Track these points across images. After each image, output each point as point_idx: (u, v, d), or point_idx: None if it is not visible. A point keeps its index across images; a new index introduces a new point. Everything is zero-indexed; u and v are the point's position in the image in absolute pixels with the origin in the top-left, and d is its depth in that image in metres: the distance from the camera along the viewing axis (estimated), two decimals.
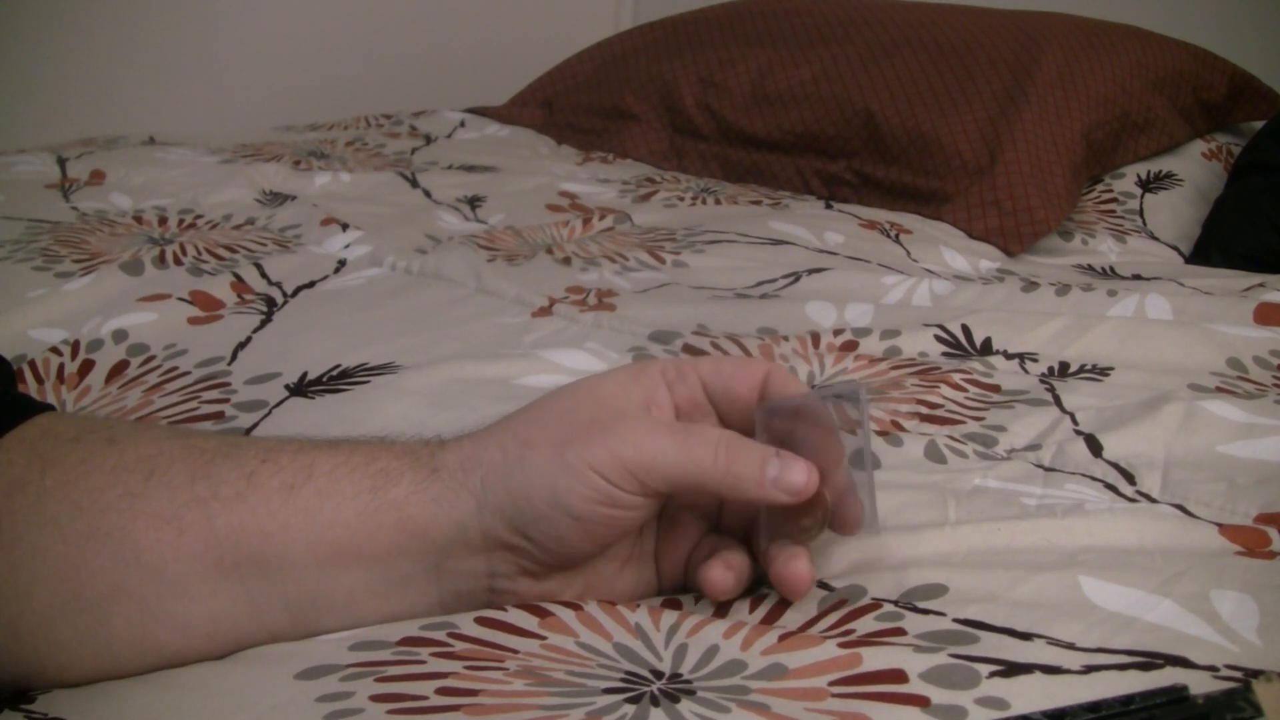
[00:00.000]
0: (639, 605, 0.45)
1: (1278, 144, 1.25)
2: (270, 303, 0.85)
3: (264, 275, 0.90)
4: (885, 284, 0.94)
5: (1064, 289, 0.91)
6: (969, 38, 1.39)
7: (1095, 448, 0.62)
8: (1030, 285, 0.93)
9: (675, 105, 1.50)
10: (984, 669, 0.40)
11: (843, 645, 0.42)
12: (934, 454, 0.62)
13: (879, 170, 1.31)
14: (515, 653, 0.41)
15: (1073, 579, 0.47)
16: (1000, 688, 0.39)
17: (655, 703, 0.39)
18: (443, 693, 0.39)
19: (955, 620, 0.44)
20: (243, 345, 0.77)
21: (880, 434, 0.64)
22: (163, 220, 1.04)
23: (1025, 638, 0.43)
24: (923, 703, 0.39)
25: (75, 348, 0.75)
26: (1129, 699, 0.33)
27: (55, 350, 0.75)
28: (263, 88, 1.97)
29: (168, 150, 1.29)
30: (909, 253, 1.08)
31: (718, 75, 1.49)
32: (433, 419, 0.64)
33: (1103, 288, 0.91)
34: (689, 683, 0.40)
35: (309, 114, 1.77)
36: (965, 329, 0.81)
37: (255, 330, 0.79)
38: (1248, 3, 1.59)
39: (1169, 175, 1.33)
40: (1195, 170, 1.35)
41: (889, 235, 1.13)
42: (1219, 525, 0.53)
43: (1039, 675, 0.40)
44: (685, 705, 0.38)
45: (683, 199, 1.25)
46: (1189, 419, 0.64)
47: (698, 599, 0.47)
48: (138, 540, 0.41)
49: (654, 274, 0.97)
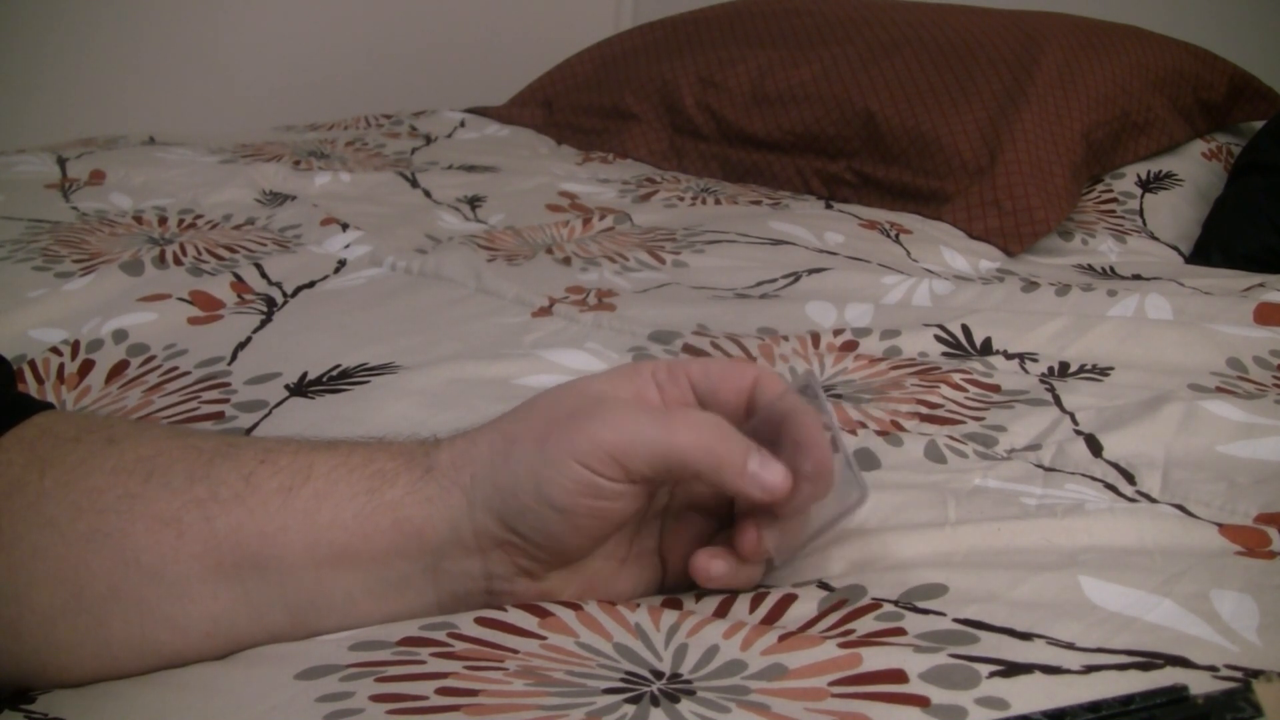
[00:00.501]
0: (639, 605, 0.45)
1: (1278, 144, 1.25)
2: (270, 303, 0.85)
3: (264, 275, 0.90)
4: (885, 284, 0.94)
5: (1064, 289, 0.91)
6: (969, 38, 1.39)
7: (1095, 448, 0.62)
8: (1030, 285, 0.93)
9: (675, 105, 1.50)
10: (984, 669, 0.40)
11: (843, 645, 0.42)
12: (934, 454, 0.62)
13: (879, 170, 1.31)
14: (515, 653, 0.41)
15: (1073, 579, 0.47)
16: (1000, 688, 0.39)
17: (655, 703, 0.39)
18: (443, 693, 0.39)
19: (955, 620, 0.44)
20: (243, 345, 0.77)
21: (880, 434, 0.64)
22: (163, 220, 1.04)
23: (1025, 638, 0.43)
24: (923, 703, 0.39)
25: (75, 348, 0.75)
26: (1129, 699, 0.33)
27: (55, 350, 0.75)
28: (263, 88, 1.97)
29: (168, 150, 1.29)
30: (909, 253, 1.08)
31: (718, 75, 1.49)
32: (433, 419, 0.64)
33: (1103, 288, 0.91)
34: (689, 683, 0.40)
35: (309, 114, 1.77)
36: (965, 329, 0.81)
37: (255, 330, 0.79)
38: (1248, 3, 1.59)
39: (1169, 175, 1.33)
40: (1195, 170, 1.35)
41: (889, 235, 1.13)
42: (1219, 525, 0.54)
43: (1039, 675, 0.40)
44: (685, 705, 0.38)
45: (683, 199, 1.25)
46: (1189, 419, 0.64)
47: (698, 598, 0.47)
48: (137, 541, 0.41)
49: (654, 274, 0.97)
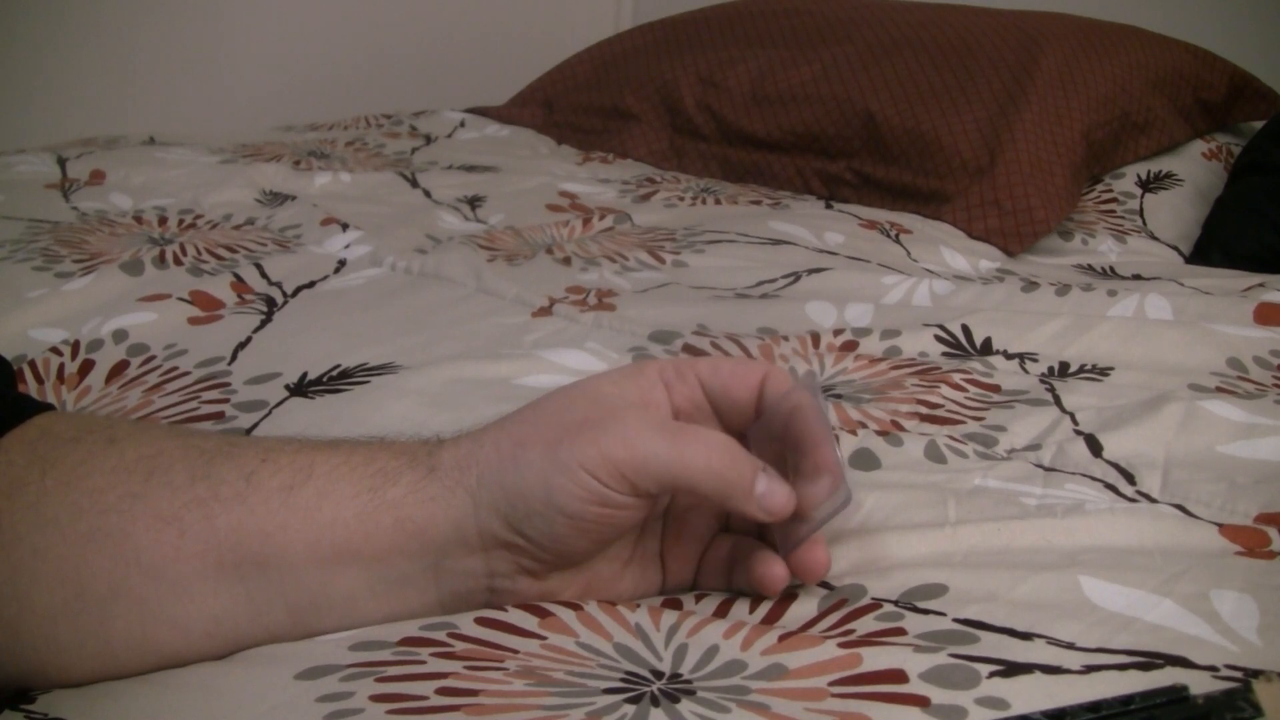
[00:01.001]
0: (639, 605, 0.45)
1: (1278, 144, 1.25)
2: (270, 303, 0.85)
3: (264, 275, 0.90)
4: (885, 284, 0.94)
5: (1064, 289, 0.91)
6: (969, 38, 1.39)
7: (1095, 448, 0.62)
8: (1030, 285, 0.93)
9: (675, 105, 1.50)
10: (984, 669, 0.40)
11: (843, 645, 0.42)
12: (934, 454, 0.62)
13: (879, 170, 1.31)
14: (515, 653, 0.41)
15: (1073, 579, 0.47)
16: (1000, 688, 0.39)
17: (655, 703, 0.39)
18: (443, 693, 0.39)
19: (955, 620, 0.44)
20: (243, 345, 0.77)
21: (880, 434, 0.64)
22: (163, 220, 1.04)
23: (1025, 638, 0.43)
24: (923, 703, 0.39)
25: (75, 348, 0.75)
26: (1129, 699, 0.33)
27: (55, 350, 0.75)
28: (263, 88, 1.97)
29: (168, 150, 1.29)
30: (909, 253, 1.08)
31: (718, 75, 1.49)
32: (433, 419, 0.64)
33: (1103, 288, 0.91)
34: (689, 683, 0.40)
35: (309, 114, 1.77)
36: (965, 329, 0.81)
37: (255, 330, 0.79)
38: (1248, 3, 1.59)
39: (1169, 175, 1.33)
40: (1195, 170, 1.35)
41: (889, 235, 1.13)
42: (1219, 525, 0.54)
43: (1039, 675, 0.40)
44: (685, 705, 0.38)
45: (683, 199, 1.25)
46: (1189, 419, 0.64)
47: (698, 598, 0.47)
48: (138, 541, 0.41)
49: (654, 274, 0.97)
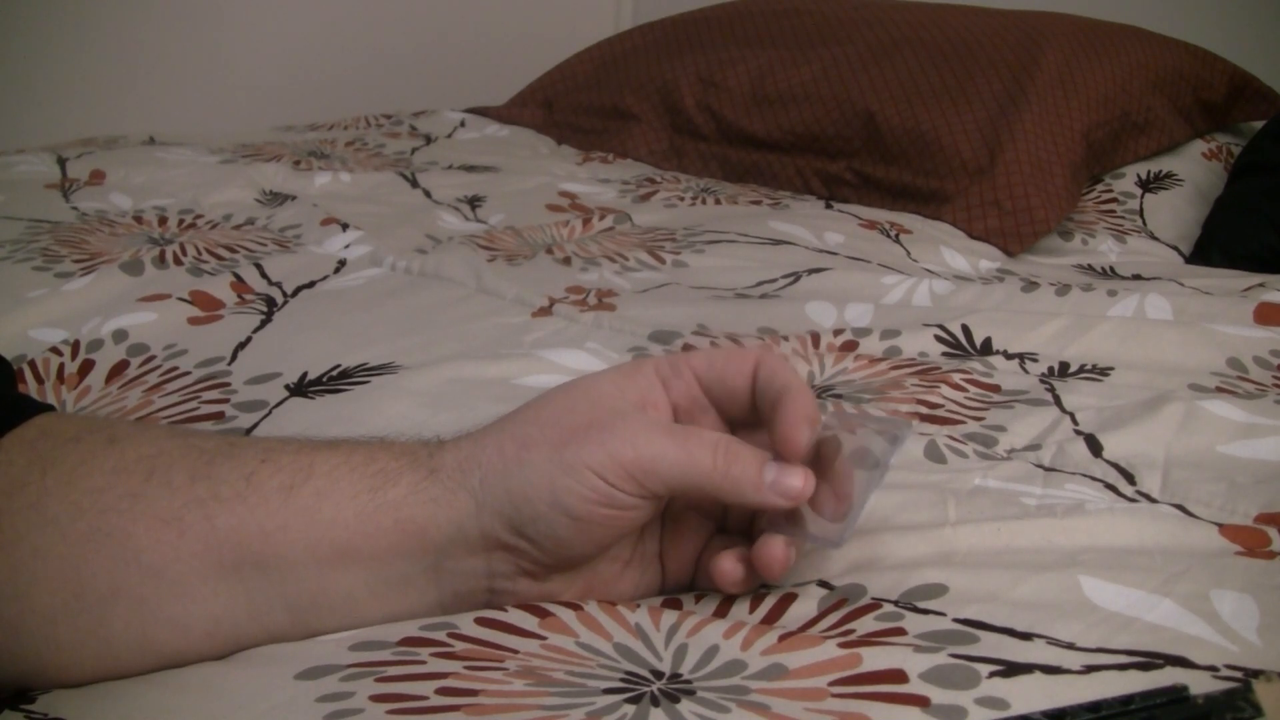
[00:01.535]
0: (639, 605, 0.45)
1: (1278, 144, 1.25)
2: (270, 303, 0.85)
3: (264, 275, 0.90)
4: (885, 284, 0.94)
5: (1064, 289, 0.91)
6: (969, 38, 1.39)
7: (1095, 448, 0.62)
8: (1030, 285, 0.93)
9: (675, 105, 1.50)
10: (984, 669, 0.40)
11: (843, 645, 0.42)
12: (934, 454, 0.62)
13: (879, 170, 1.31)
14: (515, 653, 0.41)
15: (1073, 579, 0.47)
16: (1000, 688, 0.39)
17: (655, 703, 0.39)
18: (443, 693, 0.39)
19: (955, 620, 0.44)
20: (243, 345, 0.77)
21: (880, 434, 0.64)
22: (163, 220, 1.04)
23: (1025, 638, 0.43)
24: (923, 703, 0.39)
25: (75, 348, 0.75)
26: (1129, 699, 0.33)
27: (55, 350, 0.75)
28: (263, 88, 1.97)
29: (168, 150, 1.29)
30: (909, 253, 1.08)
31: (718, 75, 1.49)
32: (433, 419, 0.64)
33: (1103, 288, 0.91)
34: (689, 683, 0.40)
35: (309, 114, 1.77)
36: (965, 329, 0.81)
37: (255, 330, 0.79)
38: (1248, 3, 1.59)
39: (1169, 175, 1.33)
40: (1195, 170, 1.35)
41: (889, 235, 1.13)
42: (1219, 525, 0.54)
43: (1039, 675, 0.40)
44: (685, 705, 0.38)
45: (683, 199, 1.25)
46: (1189, 419, 0.64)
47: (698, 598, 0.47)
48: (138, 541, 0.41)
49: (654, 274, 0.97)
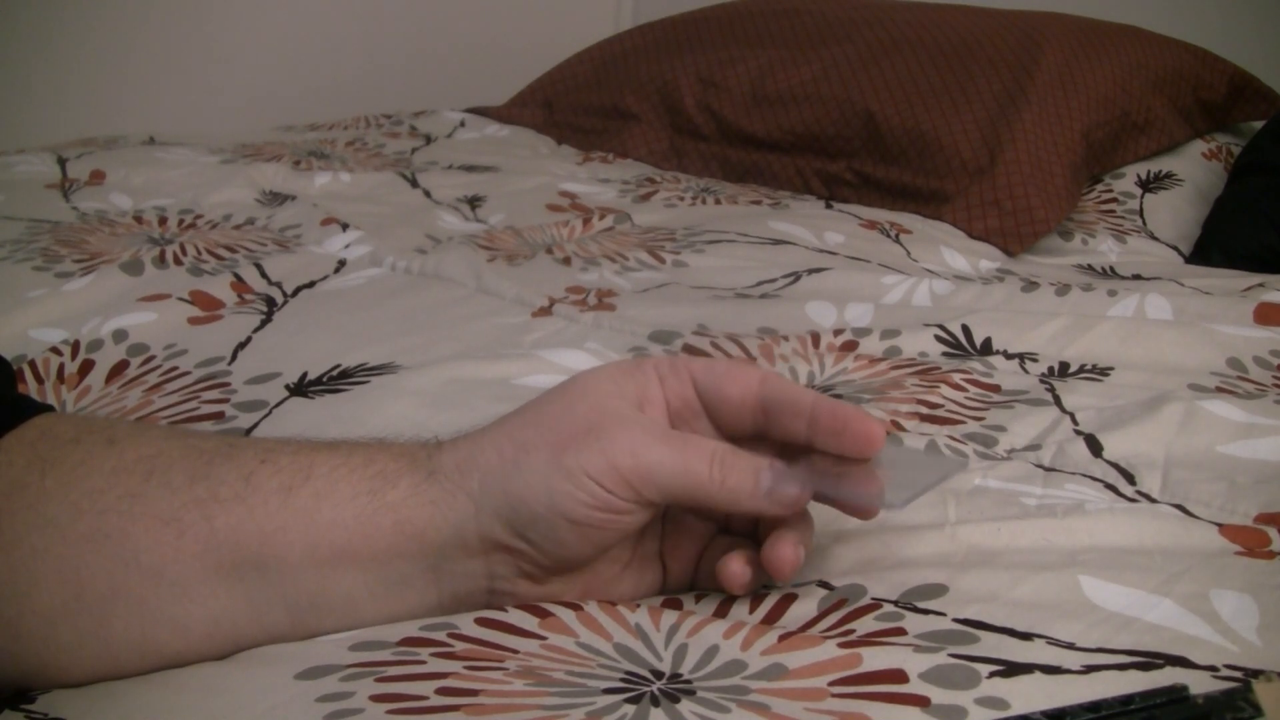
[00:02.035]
0: (639, 605, 0.45)
1: (1278, 144, 1.25)
2: (270, 303, 0.85)
3: (264, 275, 0.90)
4: (885, 284, 0.94)
5: (1064, 289, 0.91)
6: (969, 38, 1.39)
7: (1095, 448, 0.62)
8: (1030, 285, 0.93)
9: (675, 105, 1.50)
10: (984, 669, 0.40)
11: (843, 645, 0.42)
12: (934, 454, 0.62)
13: (879, 170, 1.31)
14: (515, 653, 0.41)
15: (1073, 579, 0.47)
16: (1000, 688, 0.39)
17: (655, 703, 0.39)
18: (443, 693, 0.39)
19: (955, 620, 0.44)
20: (243, 345, 0.77)
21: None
22: (163, 220, 1.04)
23: (1025, 638, 0.43)
24: (923, 703, 0.39)
25: (75, 348, 0.75)
26: (1129, 699, 0.33)
27: (55, 350, 0.75)
28: (263, 88, 1.97)
29: (168, 150, 1.29)
30: (909, 253, 1.08)
31: (718, 75, 1.49)
32: (432, 419, 0.64)
33: (1103, 288, 0.91)
34: (689, 683, 0.40)
35: (309, 114, 1.77)
36: (965, 329, 0.81)
37: (255, 330, 0.79)
38: (1248, 3, 1.59)
39: (1169, 175, 1.33)
40: (1195, 170, 1.35)
41: (889, 235, 1.13)
42: (1219, 525, 0.54)
43: (1039, 675, 0.40)
44: (685, 705, 0.38)
45: (683, 199, 1.25)
46: (1189, 419, 0.64)
47: (698, 599, 0.47)
48: (137, 542, 0.41)
49: (654, 274, 0.97)
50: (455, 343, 0.78)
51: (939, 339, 0.80)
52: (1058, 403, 0.69)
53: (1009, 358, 0.77)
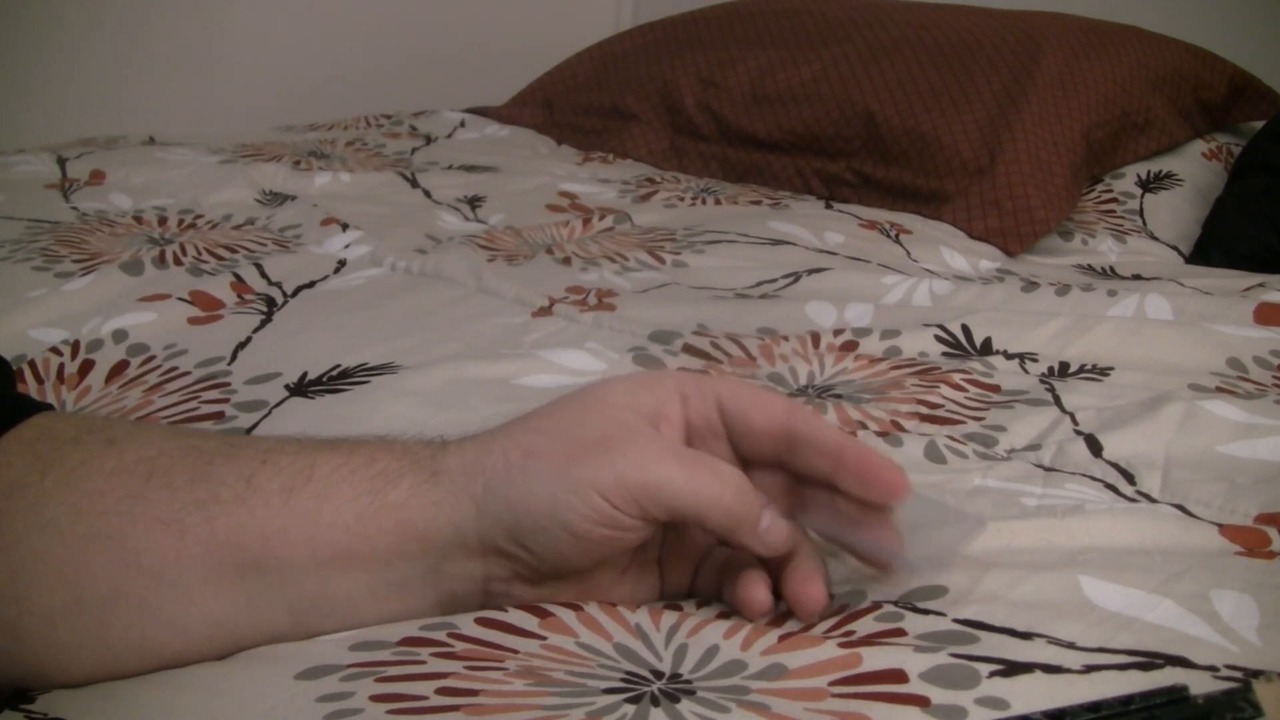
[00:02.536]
0: (639, 606, 0.45)
1: (1278, 144, 1.25)
2: (270, 303, 0.85)
3: (264, 275, 0.90)
4: (885, 284, 0.94)
5: (1064, 289, 0.91)
6: (969, 38, 1.39)
7: (1095, 448, 0.62)
8: (1030, 285, 0.93)
9: (675, 105, 1.50)
10: (984, 669, 0.40)
11: (843, 645, 0.42)
12: (934, 454, 0.62)
13: (879, 170, 1.31)
14: (515, 653, 0.41)
15: (1073, 579, 0.47)
16: (1000, 687, 0.39)
17: (655, 703, 0.39)
18: (443, 693, 0.39)
19: (955, 620, 0.44)
20: (243, 345, 0.77)
21: (880, 434, 0.64)
22: (163, 220, 1.04)
23: (1025, 637, 0.43)
24: (923, 703, 0.39)
25: (75, 348, 0.75)
26: (1129, 699, 0.33)
27: (55, 350, 0.75)
28: (263, 88, 1.97)
29: (168, 150, 1.29)
30: (909, 253, 1.08)
31: (718, 75, 1.49)
32: (433, 419, 0.64)
33: (1103, 288, 0.91)
34: (689, 683, 0.40)
35: (309, 114, 1.77)
36: (965, 329, 0.81)
37: (255, 330, 0.79)
38: (1248, 3, 1.59)
39: (1169, 175, 1.33)
40: (1195, 170, 1.35)
41: (889, 235, 1.13)
42: (1219, 525, 0.54)
43: (1039, 675, 0.40)
44: (685, 705, 0.38)
45: (683, 199, 1.25)
46: (1189, 419, 0.64)
47: (699, 605, 0.47)
48: (138, 543, 0.41)
49: (654, 274, 0.97)
50: (455, 343, 0.78)
51: (939, 339, 0.80)
52: (1058, 403, 0.69)
53: (1009, 358, 0.77)
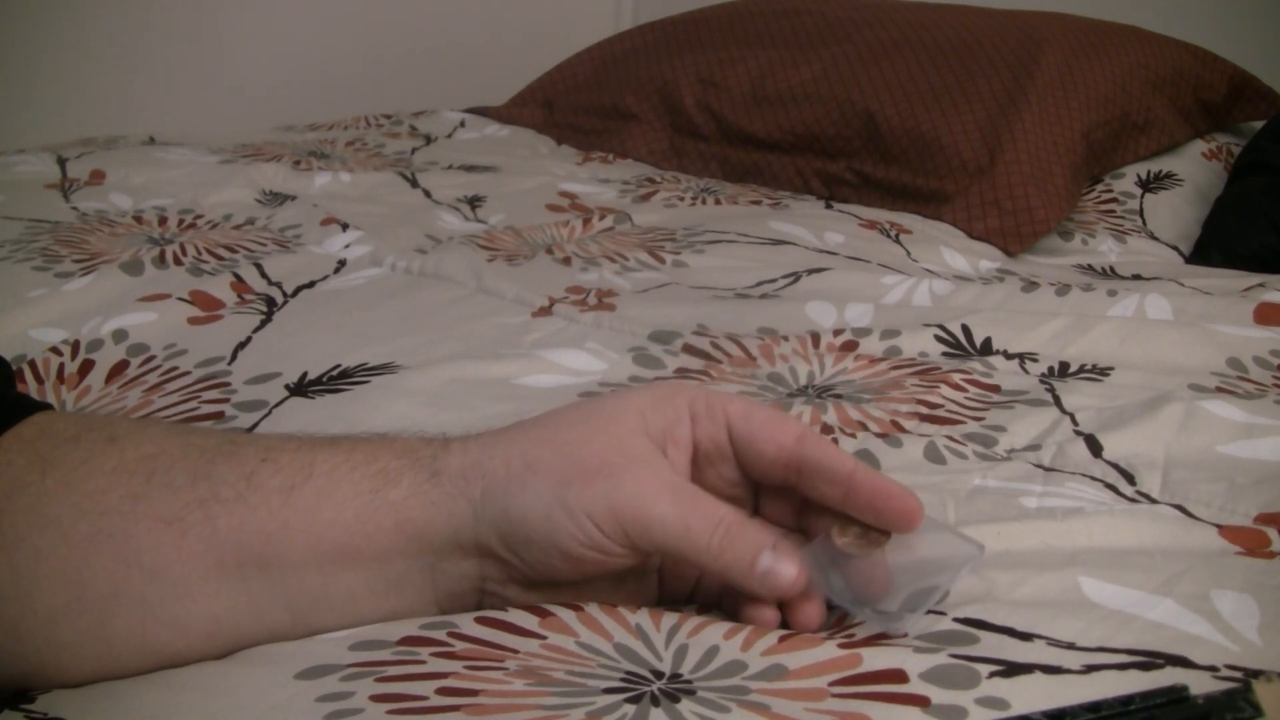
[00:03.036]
0: (639, 606, 0.45)
1: (1278, 144, 1.25)
2: (270, 303, 0.85)
3: (264, 275, 0.90)
4: (885, 284, 0.94)
5: (1064, 289, 0.91)
6: (969, 38, 1.39)
7: (1095, 448, 0.62)
8: (1030, 285, 0.93)
9: (675, 105, 1.50)
10: (984, 669, 0.40)
11: (843, 646, 0.42)
12: (934, 455, 0.62)
13: (879, 170, 1.31)
14: (515, 653, 0.41)
15: (1073, 579, 0.47)
16: (1000, 688, 0.39)
17: (655, 703, 0.39)
18: (443, 693, 0.39)
19: (955, 620, 0.44)
20: (243, 345, 0.77)
21: (880, 435, 0.64)
22: (163, 220, 1.04)
23: (1025, 638, 0.43)
24: (923, 703, 0.39)
25: (75, 348, 0.75)
26: (1129, 699, 0.33)
27: (55, 350, 0.75)
28: (263, 88, 1.97)
29: (168, 150, 1.29)
30: (909, 253, 1.08)
31: (718, 75, 1.49)
32: (433, 419, 0.64)
33: (1103, 288, 0.91)
34: (689, 683, 0.40)
35: (309, 114, 1.77)
36: (965, 329, 0.81)
37: (255, 330, 0.79)
38: (1248, 3, 1.59)
39: (1169, 175, 1.33)
40: (1195, 170, 1.35)
41: (889, 235, 1.13)
42: (1219, 526, 0.54)
43: (1039, 675, 0.40)
44: (685, 705, 0.38)
45: (683, 199, 1.25)
46: (1189, 419, 0.64)
47: (698, 610, 0.47)
48: (139, 542, 0.41)
49: (654, 274, 0.97)
50: (455, 343, 0.78)
51: (939, 339, 0.80)
52: (1057, 403, 0.69)
53: (1009, 358, 0.77)
